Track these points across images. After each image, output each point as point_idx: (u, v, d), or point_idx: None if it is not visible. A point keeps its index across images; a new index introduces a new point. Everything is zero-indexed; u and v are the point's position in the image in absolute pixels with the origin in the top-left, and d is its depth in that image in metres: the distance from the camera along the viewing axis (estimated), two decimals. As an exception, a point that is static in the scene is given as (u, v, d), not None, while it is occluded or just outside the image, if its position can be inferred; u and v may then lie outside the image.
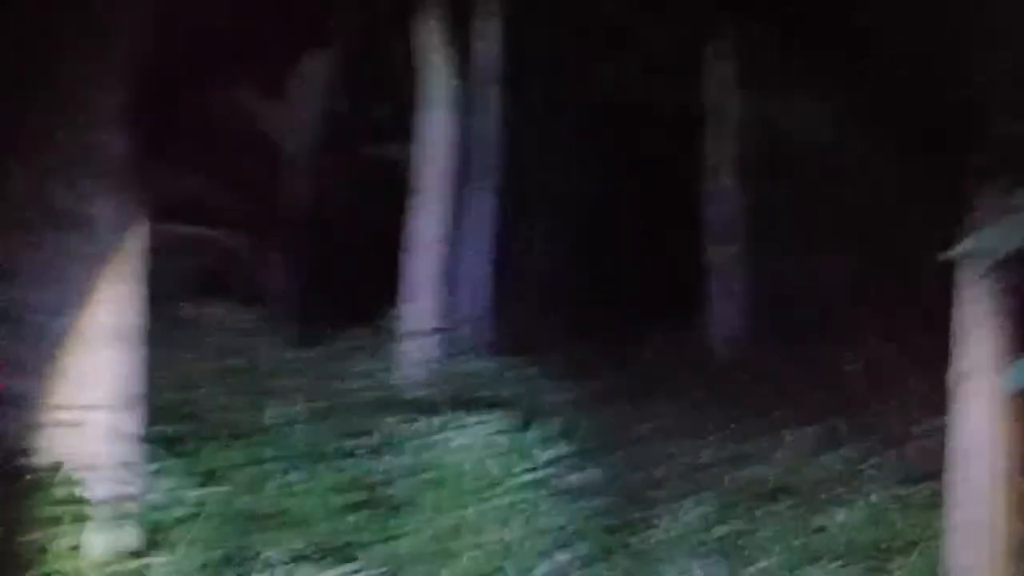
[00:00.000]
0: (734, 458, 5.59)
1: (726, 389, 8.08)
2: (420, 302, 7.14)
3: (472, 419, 4.95)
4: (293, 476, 5.12)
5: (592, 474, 5.21)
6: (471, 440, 4.78)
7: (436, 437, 4.88)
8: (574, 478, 4.97)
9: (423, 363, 7.04)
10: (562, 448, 5.08)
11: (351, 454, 5.27)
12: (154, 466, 5.08)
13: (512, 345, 9.71)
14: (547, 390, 7.37)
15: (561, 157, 14.20)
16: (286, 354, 7.39)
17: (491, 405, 5.59)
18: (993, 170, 3.95)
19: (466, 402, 5.80)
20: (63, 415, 3.17)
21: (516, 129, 13.23)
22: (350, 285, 10.64)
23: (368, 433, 5.62)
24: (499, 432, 4.98)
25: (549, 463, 4.83)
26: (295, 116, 12.64)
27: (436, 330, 7.33)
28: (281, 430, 5.72)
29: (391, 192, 10.33)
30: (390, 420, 5.26)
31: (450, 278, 9.45)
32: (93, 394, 3.30)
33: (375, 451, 5.11)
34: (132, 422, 3.50)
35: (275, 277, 12.55)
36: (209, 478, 5.33)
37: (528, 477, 4.58)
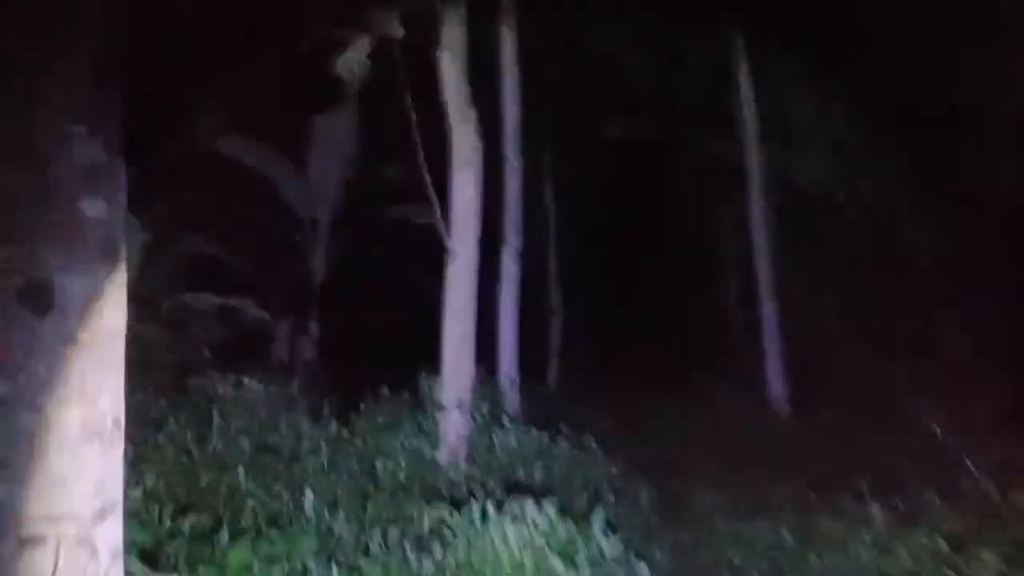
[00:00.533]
0: (822, 539, 4.99)
1: (795, 455, 7.55)
2: (453, 369, 6.66)
3: (528, 507, 4.42)
4: (332, 573, 4.62)
5: (663, 565, 4.67)
6: (528, 533, 4.25)
7: (489, 529, 4.35)
8: (639, 568, 4.42)
9: (464, 437, 6.54)
10: (627, 538, 4.53)
11: (395, 547, 4.74)
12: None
13: (547, 412, 9.27)
14: (599, 464, 6.89)
15: (587, 214, 13.94)
16: (319, 431, 6.91)
17: (545, 490, 5.09)
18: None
19: (518, 486, 5.31)
20: (26, 529, 2.66)
21: (537, 188, 13.09)
22: (380, 351, 10.21)
23: (412, 520, 5.12)
24: (558, 520, 4.45)
25: (612, 556, 4.29)
26: (313, 180, 12.42)
27: (473, 401, 6.86)
28: (322, 519, 5.23)
29: (415, 255, 10.01)
30: (437, 509, 4.73)
31: (481, 343, 9.07)
32: (64, 502, 2.78)
33: (423, 544, 4.59)
34: (112, 535, 2.96)
35: (303, 346, 12.19)
36: (242, 575, 4.86)
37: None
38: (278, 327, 11.95)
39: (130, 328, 7.80)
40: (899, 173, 10.55)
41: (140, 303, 9.23)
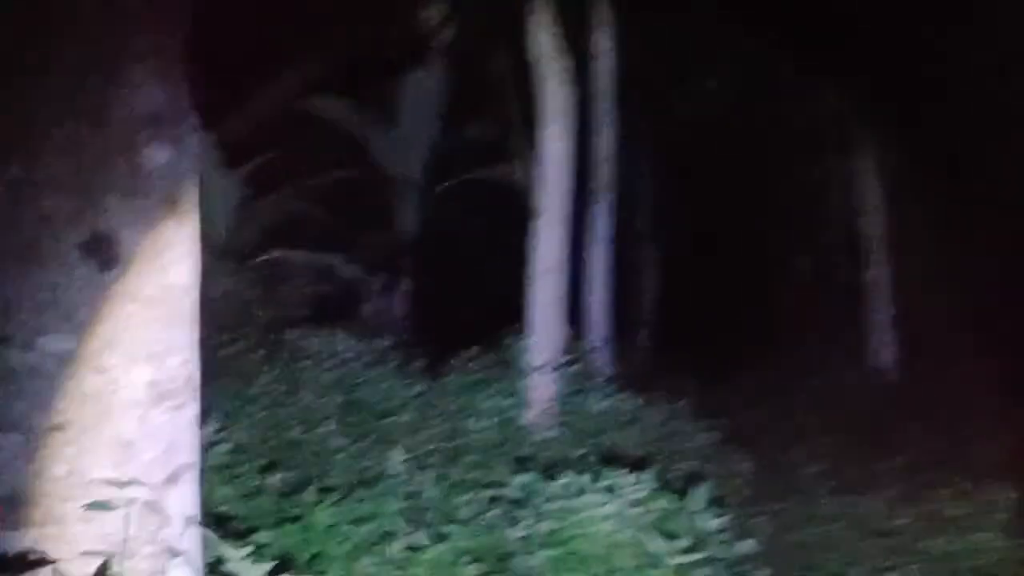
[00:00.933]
0: (943, 520, 4.50)
1: (904, 427, 7.00)
2: (543, 330, 6.36)
3: (624, 479, 4.10)
4: (420, 536, 4.42)
5: (762, 541, 4.30)
6: (622, 507, 3.93)
7: (582, 500, 4.05)
8: (744, 547, 4.05)
9: (554, 400, 6.26)
10: (727, 512, 4.17)
11: (483, 513, 4.50)
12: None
13: (639, 376, 8.90)
14: (696, 432, 6.52)
15: (675, 173, 13.34)
16: (409, 388, 6.74)
17: (641, 460, 4.76)
18: None
19: (613, 455, 5.00)
20: (95, 492, 2.45)
21: (630, 145, 12.56)
22: (470, 310, 10.02)
23: (502, 485, 4.87)
24: (656, 493, 4.12)
25: (715, 533, 3.94)
26: (404, 139, 12.21)
27: (564, 363, 6.56)
28: (409, 479, 5.05)
29: (507, 213, 9.70)
30: (527, 476, 4.45)
31: (572, 303, 8.74)
32: (132, 467, 2.57)
33: (510, 513, 4.33)
34: (184, 500, 2.75)
35: (394, 304, 12.11)
36: (327, 535, 4.73)
37: (695, 556, 3.69)
38: (371, 284, 11.90)
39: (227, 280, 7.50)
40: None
41: (235, 258, 9.32)
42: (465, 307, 11.22)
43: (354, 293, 11.95)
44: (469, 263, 12.91)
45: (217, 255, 8.84)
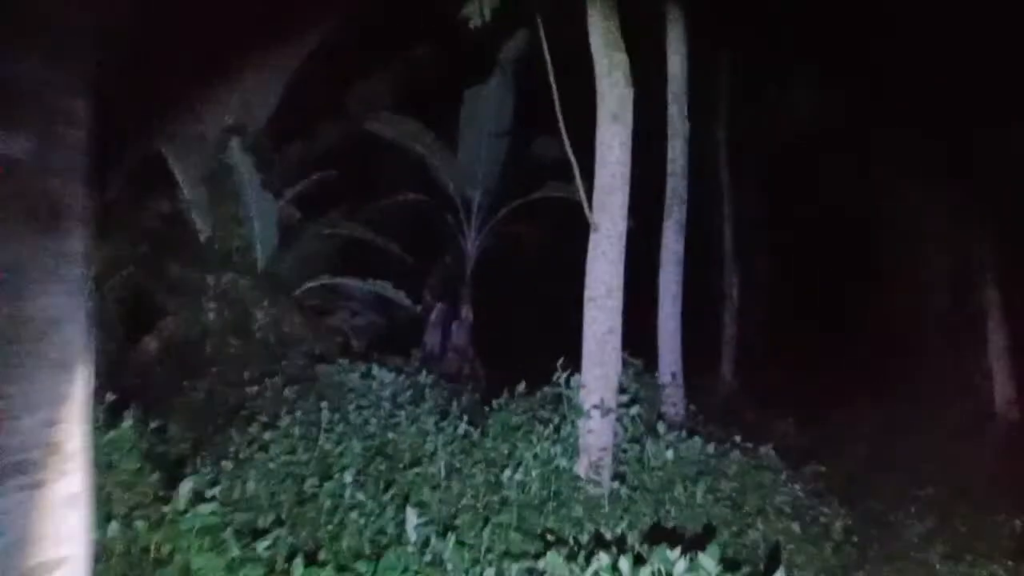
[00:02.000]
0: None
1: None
2: (596, 364, 5.44)
3: (677, 565, 3.13)
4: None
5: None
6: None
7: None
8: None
9: (608, 448, 5.32)
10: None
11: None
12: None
13: (718, 415, 7.84)
14: (779, 482, 5.48)
15: (767, 187, 12.21)
16: (446, 431, 5.90)
17: (706, 529, 3.78)
18: None
19: (664, 527, 4.05)
20: None
21: (711, 157, 11.54)
22: (534, 340, 9.14)
23: (535, 557, 3.98)
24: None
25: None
26: (466, 159, 11.54)
27: (622, 404, 5.61)
28: (429, 543, 4.23)
29: (570, 233, 8.83)
30: (557, 555, 3.54)
31: (640, 332, 7.79)
32: None
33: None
34: None
35: (454, 334, 11.39)
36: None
37: None
38: (431, 312, 11.20)
39: (263, 310, 6.65)
40: None
41: (277, 286, 8.74)
42: (525, 336, 10.38)
43: (413, 322, 11.29)
44: (535, 288, 12.09)
45: (256, 283, 8.28)
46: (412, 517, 4.37)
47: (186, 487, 4.05)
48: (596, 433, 5.39)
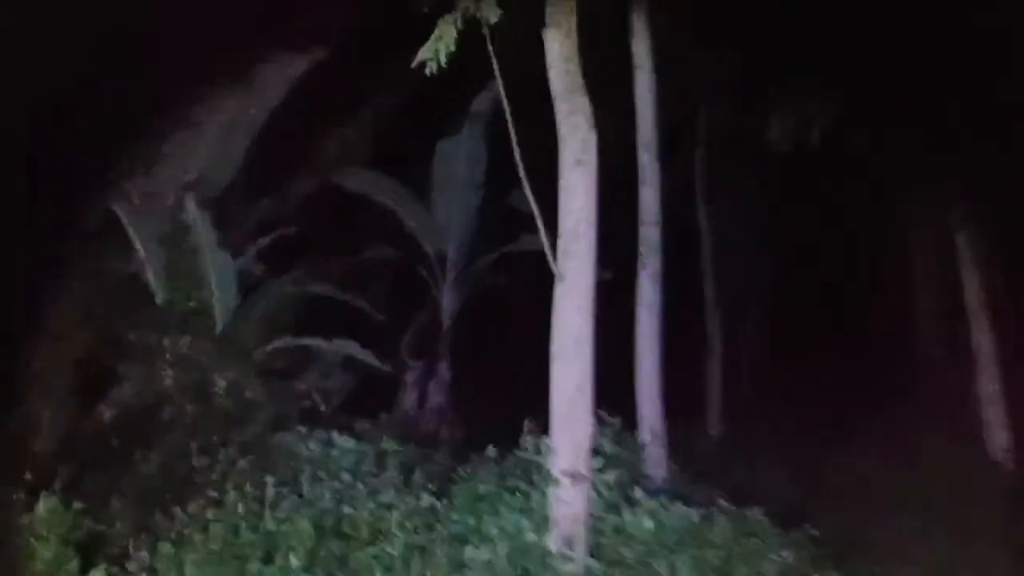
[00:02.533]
0: None
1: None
2: (568, 426, 4.97)
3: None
4: None
5: None
6: None
7: None
8: None
9: (581, 518, 4.82)
10: None
11: None
12: None
13: (705, 474, 7.32)
14: (770, 548, 4.99)
15: (749, 230, 11.84)
16: (408, 503, 5.40)
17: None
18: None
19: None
20: None
21: (686, 201, 11.19)
22: (506, 400, 8.66)
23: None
24: None
25: None
26: (440, 211, 11.18)
27: (595, 470, 5.13)
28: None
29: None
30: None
31: (616, 388, 7.34)
32: None
33: None
34: None
35: (431, 395, 10.90)
36: None
37: None
38: (405, 373, 10.71)
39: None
40: None
41: (235, 348, 8.27)
42: (510, 393, 9.91)
43: (390, 383, 10.80)
44: (515, 343, 11.63)
45: (215, 346, 7.81)
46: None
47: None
48: (568, 503, 4.90)
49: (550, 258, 5.24)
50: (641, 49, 7.80)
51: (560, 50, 5.53)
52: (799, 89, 9.02)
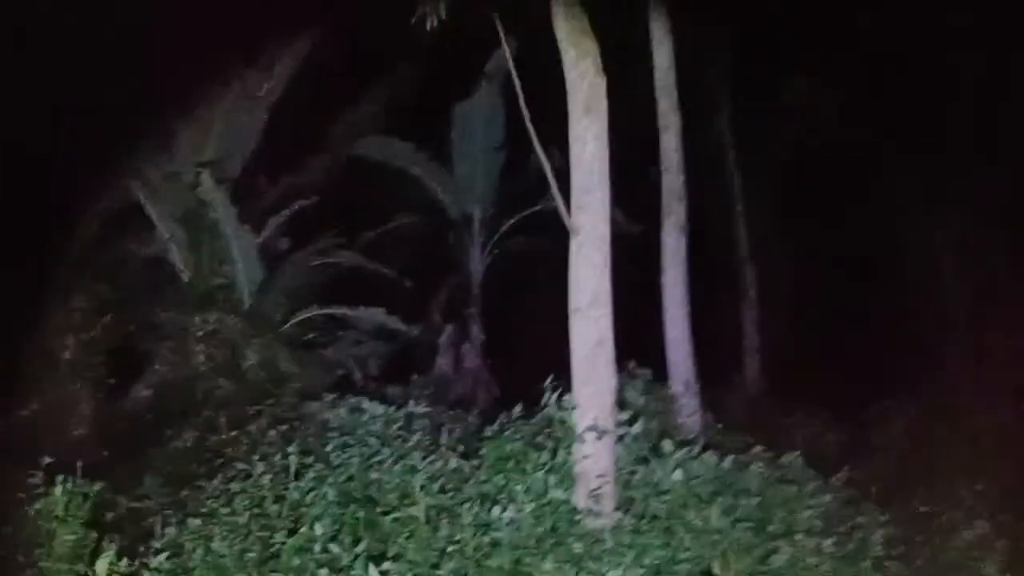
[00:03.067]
0: None
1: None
2: (588, 381, 4.82)
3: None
4: None
5: None
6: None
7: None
8: None
9: (608, 473, 4.69)
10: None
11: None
12: None
13: (739, 426, 7.11)
14: (806, 494, 4.80)
15: (783, 182, 11.45)
16: (434, 466, 5.30)
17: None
18: None
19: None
20: None
21: (716, 151, 10.84)
22: (543, 356, 8.53)
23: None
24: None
25: None
26: (463, 176, 11.02)
27: (622, 423, 4.98)
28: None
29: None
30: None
31: (645, 342, 7.15)
32: None
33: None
34: None
35: (464, 358, 10.84)
36: None
37: None
38: (436, 338, 10.65)
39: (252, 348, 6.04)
40: None
41: (264, 321, 8.25)
42: (543, 352, 9.77)
43: (426, 348, 10.75)
44: (546, 302, 11.47)
45: (243, 320, 7.80)
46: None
47: (103, 566, 3.50)
48: (593, 458, 4.76)
49: (563, 212, 5.04)
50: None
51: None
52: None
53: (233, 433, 6.22)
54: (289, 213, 8.57)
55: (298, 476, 5.09)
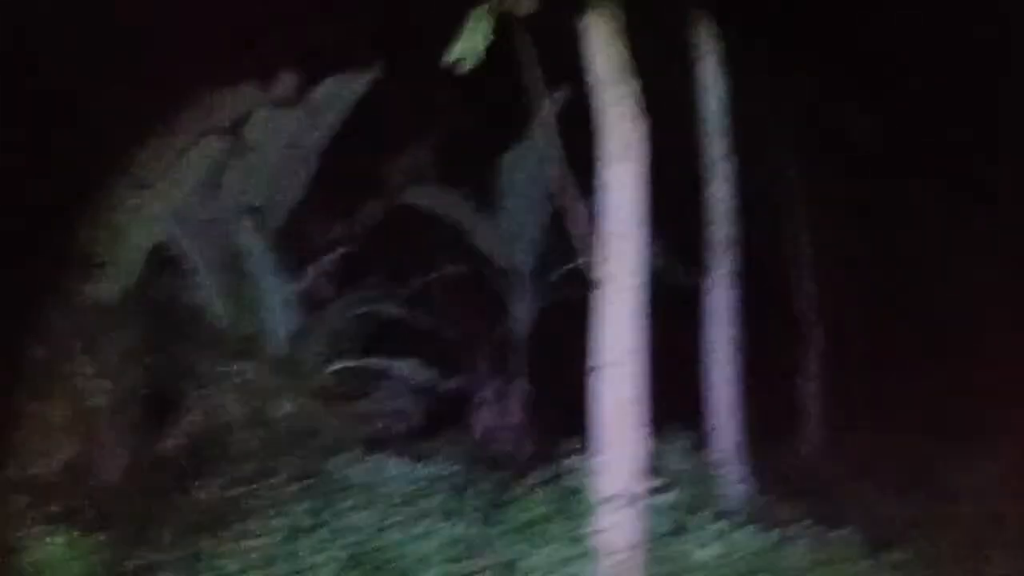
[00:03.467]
0: None
1: None
2: (616, 445, 4.46)
3: None
4: None
5: None
6: None
7: None
8: None
9: (636, 547, 4.29)
10: None
11: None
12: None
13: (791, 494, 6.58)
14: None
15: (849, 230, 10.92)
16: (452, 530, 4.99)
17: None
18: None
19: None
20: None
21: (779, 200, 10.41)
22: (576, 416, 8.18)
23: None
24: None
25: None
26: (510, 225, 10.84)
27: (657, 490, 4.60)
28: None
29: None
30: None
31: (686, 403, 6.74)
32: None
33: None
34: None
35: (507, 412, 10.52)
36: None
37: None
38: (479, 392, 10.36)
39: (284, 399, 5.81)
40: None
41: (297, 372, 8.10)
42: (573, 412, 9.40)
43: (466, 403, 10.48)
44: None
45: (276, 369, 7.66)
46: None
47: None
48: (618, 529, 4.37)
49: (588, 262, 4.76)
50: (704, 32, 7.23)
51: (604, 31, 5.05)
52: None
53: (254, 486, 5.99)
54: (331, 260, 8.45)
55: (311, 534, 4.83)
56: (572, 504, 4.78)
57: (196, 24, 6.53)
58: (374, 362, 8.22)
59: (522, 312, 10.78)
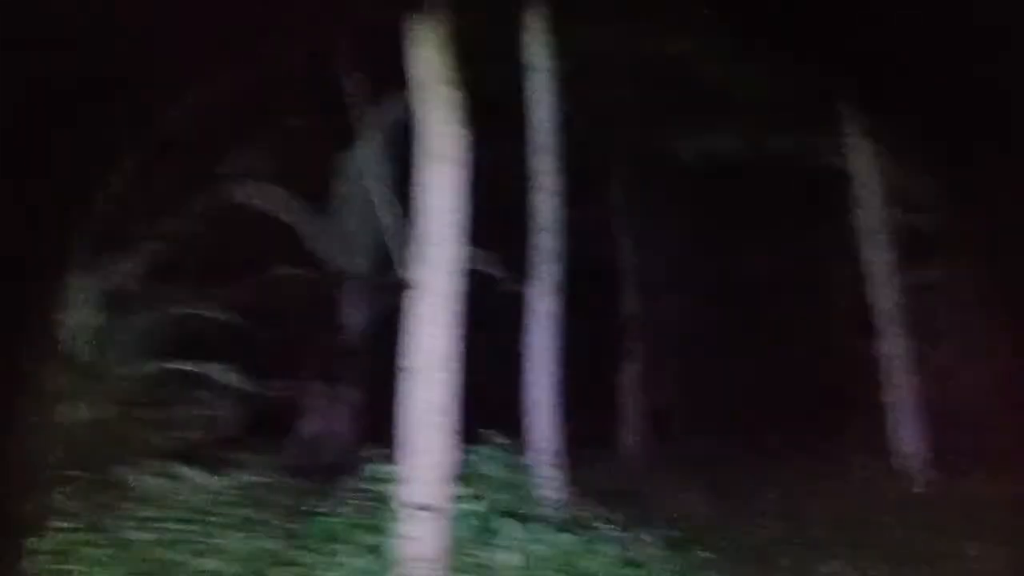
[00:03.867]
0: None
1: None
2: (420, 451, 4.32)
3: None
4: None
5: None
6: None
7: None
8: None
9: (436, 555, 4.13)
10: None
11: None
12: None
13: (610, 495, 6.66)
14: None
15: (667, 242, 11.34)
16: (257, 541, 4.66)
17: None
18: None
19: None
20: None
21: (603, 215, 10.66)
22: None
23: None
24: None
25: None
26: (347, 227, 10.53)
27: (464, 499, 4.45)
28: None
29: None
30: None
31: (507, 407, 6.71)
32: None
33: None
34: None
35: (335, 420, 10.17)
36: None
37: None
38: (306, 398, 9.96)
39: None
40: None
41: (95, 375, 7.45)
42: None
43: (289, 409, 10.04)
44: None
45: (72, 372, 6.99)
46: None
47: None
48: (422, 537, 4.21)
49: (402, 264, 4.60)
50: (536, 46, 7.25)
51: (429, 36, 4.92)
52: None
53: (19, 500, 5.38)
54: (144, 257, 7.85)
55: (80, 554, 4.37)
56: (378, 513, 4.59)
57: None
58: (187, 366, 7.66)
59: (356, 318, 10.47)
